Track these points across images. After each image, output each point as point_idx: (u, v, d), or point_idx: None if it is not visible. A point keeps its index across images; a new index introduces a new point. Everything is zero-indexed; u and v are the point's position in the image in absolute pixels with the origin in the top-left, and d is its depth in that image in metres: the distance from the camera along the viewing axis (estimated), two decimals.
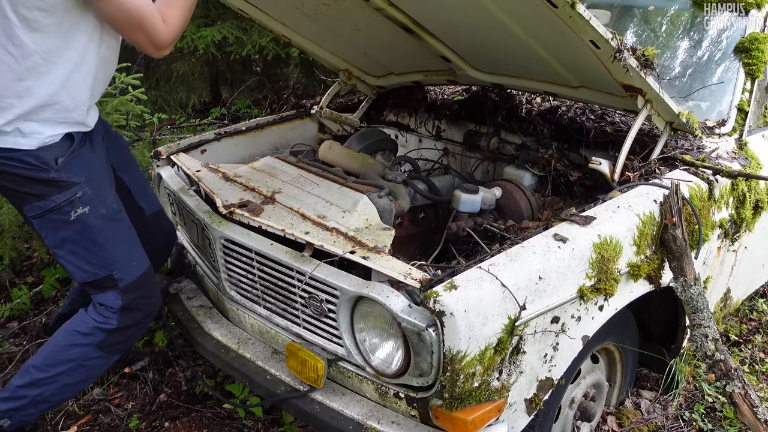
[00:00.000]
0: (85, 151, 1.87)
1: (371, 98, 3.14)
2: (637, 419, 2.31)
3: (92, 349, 1.96)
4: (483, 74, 2.55)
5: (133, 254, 1.98)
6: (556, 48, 2.03)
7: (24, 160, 1.75)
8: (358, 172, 2.37)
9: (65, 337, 1.99)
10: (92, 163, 1.89)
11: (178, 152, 2.55)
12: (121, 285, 1.93)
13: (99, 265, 1.89)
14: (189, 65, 5.10)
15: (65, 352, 1.97)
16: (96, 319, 1.95)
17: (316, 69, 5.00)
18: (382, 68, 2.93)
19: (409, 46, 2.46)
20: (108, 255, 1.90)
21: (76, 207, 1.81)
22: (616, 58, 1.77)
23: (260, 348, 2.01)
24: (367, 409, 1.71)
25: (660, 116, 2.12)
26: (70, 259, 1.88)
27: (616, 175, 2.06)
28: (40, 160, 1.76)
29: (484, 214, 2.25)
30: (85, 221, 1.84)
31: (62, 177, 1.79)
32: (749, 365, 2.73)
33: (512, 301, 1.51)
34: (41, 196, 1.79)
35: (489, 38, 2.18)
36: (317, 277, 1.71)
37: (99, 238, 1.88)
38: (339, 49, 2.81)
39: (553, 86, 2.36)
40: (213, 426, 2.34)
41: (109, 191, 1.94)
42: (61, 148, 1.80)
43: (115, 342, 2.00)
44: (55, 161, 1.78)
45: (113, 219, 1.92)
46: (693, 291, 1.89)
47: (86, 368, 1.99)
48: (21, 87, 1.71)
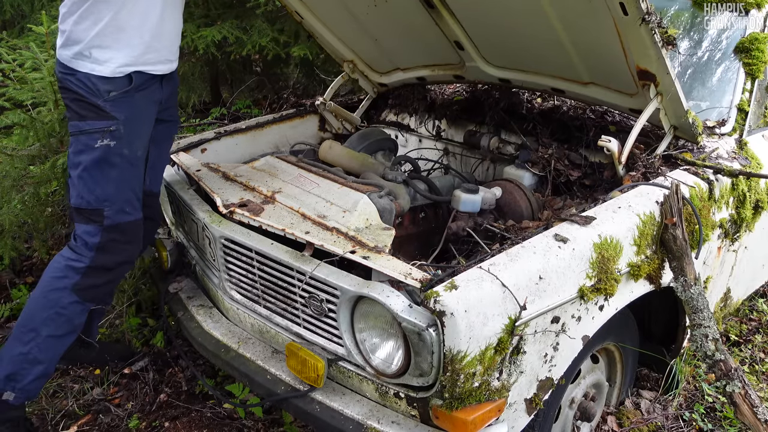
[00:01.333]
0: (139, 97, 2.00)
1: (372, 96, 3.14)
2: (637, 419, 2.31)
3: (67, 293, 2.01)
4: (492, 68, 2.52)
5: (129, 201, 2.05)
6: (577, 26, 1.98)
7: (85, 82, 1.91)
8: (358, 172, 2.37)
9: (41, 286, 2.05)
10: (138, 109, 2.01)
11: (178, 151, 2.55)
12: (106, 223, 2.00)
13: (96, 195, 1.98)
14: (189, 65, 5.09)
15: (42, 300, 2.03)
16: (69, 257, 2.02)
17: (316, 69, 5.00)
18: (388, 62, 2.91)
19: (424, 30, 2.44)
20: (107, 191, 1.99)
21: (105, 138, 1.95)
22: (644, 21, 1.72)
23: (260, 348, 2.01)
24: (367, 408, 1.71)
25: (666, 115, 2.11)
26: (77, 181, 1.99)
27: (623, 157, 2.06)
28: (96, 87, 1.91)
29: (484, 214, 2.25)
30: (105, 152, 1.95)
31: (106, 107, 1.94)
32: (749, 365, 2.74)
33: (512, 301, 1.51)
34: (83, 117, 1.94)
35: (508, 17, 2.16)
36: (317, 276, 1.71)
37: (110, 172, 1.98)
38: (349, 35, 2.79)
39: (562, 82, 2.35)
40: (213, 426, 2.34)
41: (141, 139, 2.06)
42: (118, 84, 1.94)
43: (88, 285, 2.04)
44: (108, 93, 1.93)
45: (131, 163, 2.03)
46: (693, 291, 1.89)
47: (64, 317, 2.03)
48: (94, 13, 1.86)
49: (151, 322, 2.81)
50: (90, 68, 1.90)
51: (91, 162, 1.95)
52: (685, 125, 2.12)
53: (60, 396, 2.48)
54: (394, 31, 2.63)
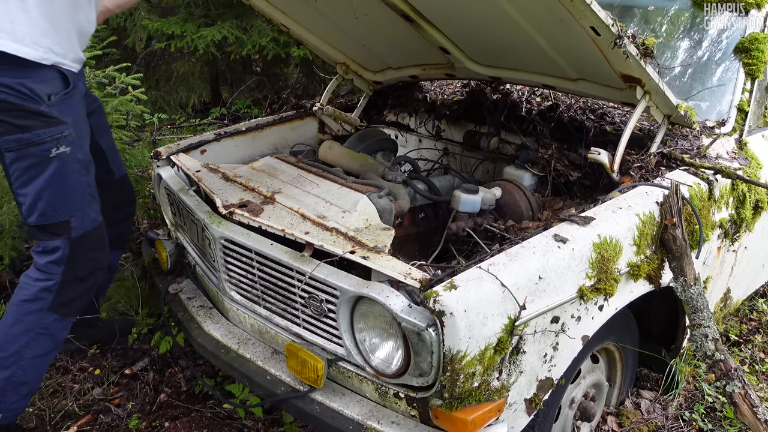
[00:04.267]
0: (75, 96, 1.93)
1: (368, 95, 3.14)
2: (637, 419, 2.31)
3: (44, 314, 1.94)
4: (482, 67, 2.54)
5: (92, 206, 2.00)
6: (555, 37, 2.01)
7: (18, 89, 1.75)
8: (358, 172, 2.37)
9: (14, 312, 1.96)
10: (78, 110, 1.95)
11: (178, 152, 2.55)
12: (74, 234, 1.92)
13: (61, 208, 1.89)
14: (189, 65, 5.10)
15: (19, 325, 1.94)
16: (38, 278, 1.93)
17: (316, 68, 5.00)
18: (379, 62, 2.92)
19: (409, 37, 2.45)
20: (73, 200, 1.90)
21: (60, 145, 1.83)
22: (616, 45, 1.75)
23: (260, 348, 2.01)
24: (367, 409, 1.71)
25: (658, 108, 2.11)
26: (34, 197, 1.86)
27: (615, 165, 2.06)
28: (34, 93, 1.77)
29: (484, 214, 2.25)
30: (63, 161, 1.85)
31: (53, 113, 1.82)
32: (749, 365, 2.74)
33: (512, 300, 1.51)
34: (25, 128, 1.79)
35: (488, 28, 2.17)
36: (317, 277, 1.71)
37: (71, 180, 1.89)
38: (337, 41, 2.80)
39: (551, 79, 2.35)
40: (213, 426, 2.34)
41: (86, 141, 1.99)
42: (55, 86, 1.83)
43: (65, 301, 1.97)
44: (48, 97, 1.81)
45: (86, 167, 1.96)
46: (693, 291, 1.89)
47: (46, 336, 1.96)
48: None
49: (150, 320, 2.82)
50: (14, 49, 1.72)
51: (50, 175, 1.83)
52: (678, 116, 2.13)
53: (60, 396, 2.48)
54: (379, 38, 2.65)
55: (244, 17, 4.40)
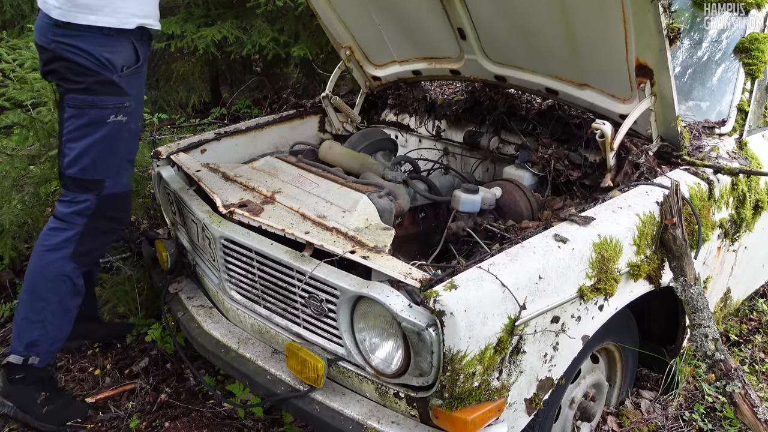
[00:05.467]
0: (143, 72, 2.06)
1: (364, 92, 3.13)
2: (637, 419, 2.31)
3: (66, 262, 2.09)
4: (490, 63, 2.52)
5: (127, 173, 2.14)
6: (583, 14, 1.97)
7: (97, 56, 1.90)
8: (358, 172, 2.37)
9: (38, 263, 2.11)
10: (142, 86, 2.09)
11: (178, 152, 2.55)
12: (104, 192, 2.07)
13: (101, 168, 2.03)
14: (189, 65, 5.10)
15: (44, 272, 2.09)
16: (60, 227, 2.08)
17: (317, 68, 5.00)
18: (385, 53, 2.90)
19: (430, 14, 2.43)
20: (113, 163, 2.05)
21: (119, 114, 1.99)
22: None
23: (260, 348, 2.01)
24: (367, 409, 1.71)
25: (656, 122, 2.10)
26: (81, 152, 2.00)
27: (615, 143, 2.05)
28: (110, 62, 1.93)
29: (484, 214, 2.25)
30: (117, 127, 2.00)
31: (122, 83, 1.97)
32: (749, 365, 2.74)
33: (512, 300, 1.51)
34: (94, 92, 1.94)
35: (515, 7, 2.16)
36: (317, 276, 1.71)
37: (118, 146, 2.04)
38: (352, 17, 2.78)
39: (557, 82, 2.34)
40: (213, 426, 2.34)
41: (141, 113, 2.14)
42: (129, 58, 1.97)
43: (86, 251, 2.12)
44: (122, 68, 1.96)
45: (135, 136, 2.11)
46: (693, 291, 1.89)
47: (69, 282, 2.12)
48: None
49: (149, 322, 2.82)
50: (94, 20, 1.86)
51: (100, 137, 1.97)
52: (672, 133, 2.11)
53: None
54: (398, 15, 2.61)
55: (244, 17, 4.40)
